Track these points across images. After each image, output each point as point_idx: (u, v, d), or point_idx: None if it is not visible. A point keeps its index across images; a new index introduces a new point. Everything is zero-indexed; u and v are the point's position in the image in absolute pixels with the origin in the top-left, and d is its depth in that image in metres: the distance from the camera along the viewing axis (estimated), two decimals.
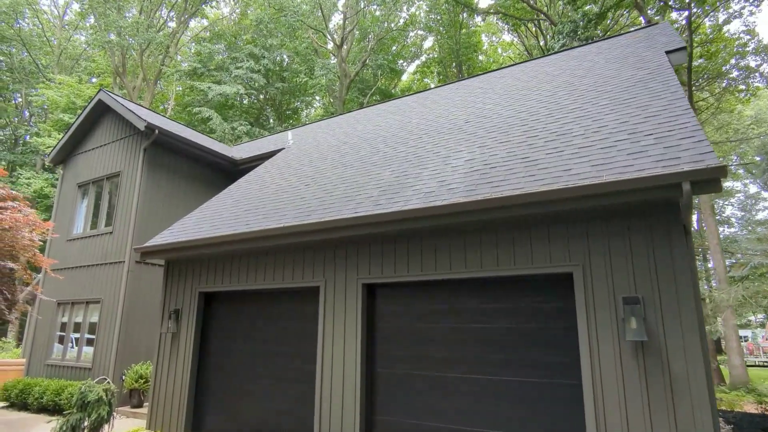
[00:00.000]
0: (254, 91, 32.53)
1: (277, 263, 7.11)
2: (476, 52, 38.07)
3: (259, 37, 32.35)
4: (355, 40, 35.43)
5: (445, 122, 8.87)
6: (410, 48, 39.11)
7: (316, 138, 12.34)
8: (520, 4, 30.14)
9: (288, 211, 7.22)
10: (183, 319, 7.94)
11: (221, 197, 9.74)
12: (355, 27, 32.76)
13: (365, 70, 35.15)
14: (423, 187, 6.08)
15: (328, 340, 6.29)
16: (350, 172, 8.02)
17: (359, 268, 6.28)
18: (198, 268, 8.06)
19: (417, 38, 38.91)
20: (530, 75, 9.99)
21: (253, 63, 30.65)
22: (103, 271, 10.99)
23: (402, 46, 37.98)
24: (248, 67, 30.28)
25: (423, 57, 39.84)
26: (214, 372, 7.61)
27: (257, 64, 30.91)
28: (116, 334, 10.07)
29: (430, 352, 5.72)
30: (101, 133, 12.50)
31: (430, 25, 34.06)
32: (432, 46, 39.26)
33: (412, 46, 39.22)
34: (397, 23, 36.25)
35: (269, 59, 31.47)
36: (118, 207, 11.23)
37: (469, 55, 37.12)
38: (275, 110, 35.69)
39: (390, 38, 35.95)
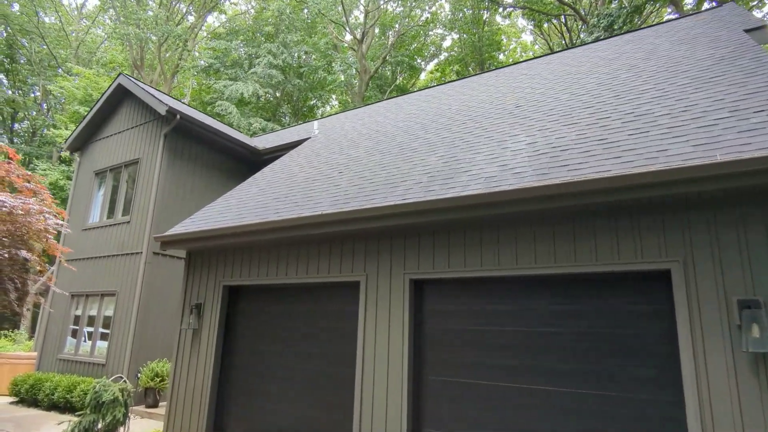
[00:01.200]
0: (271, 87, 32.02)
1: (311, 255, 6.46)
2: (498, 50, 37.28)
3: (278, 32, 31.84)
4: (375, 36, 34.85)
5: (491, 107, 8.17)
6: (429, 47, 38.41)
7: (344, 127, 11.71)
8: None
9: (322, 199, 6.57)
10: (205, 314, 7.33)
11: (245, 186, 9.13)
12: (376, 22, 32.16)
13: (384, 67, 34.55)
14: (481, 172, 5.40)
15: (370, 341, 5.62)
16: (389, 159, 7.36)
17: (406, 262, 5.60)
18: (222, 259, 7.44)
19: (436, 37, 38.20)
20: (579, 60, 9.25)
21: (272, 58, 30.17)
22: (119, 263, 10.46)
23: (422, 44, 37.27)
24: (266, 63, 29.80)
25: (442, 56, 39.10)
26: (239, 372, 6.98)
27: (276, 59, 30.41)
28: (132, 329, 9.51)
29: (488, 359, 5.02)
30: (120, 119, 11.99)
31: (454, 19, 33.19)
32: (451, 45, 38.55)
33: (431, 44, 38.51)
34: (418, 21, 35.61)
35: (288, 55, 30.95)
36: (136, 196, 10.70)
37: (491, 53, 36.36)
38: (292, 107, 35.21)
39: (410, 35, 35.30)
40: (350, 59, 31.42)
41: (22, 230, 7.07)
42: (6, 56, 34.47)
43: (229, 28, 35.89)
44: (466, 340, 5.19)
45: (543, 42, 36.94)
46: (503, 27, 37.74)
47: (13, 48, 34.11)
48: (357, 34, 31.44)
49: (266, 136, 15.34)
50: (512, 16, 33.73)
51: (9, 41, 33.61)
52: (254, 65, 30.02)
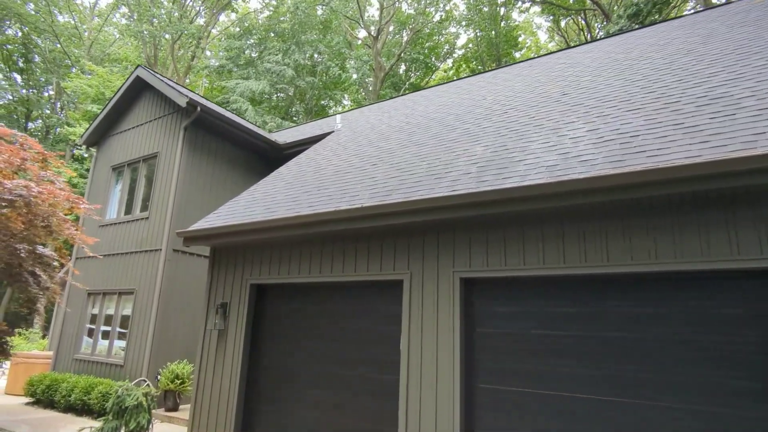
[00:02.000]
0: (284, 85, 31.66)
1: (347, 252, 6.02)
2: (515, 47, 36.64)
3: (293, 31, 31.43)
4: (390, 33, 34.37)
5: (532, 96, 7.68)
6: (443, 45, 37.83)
7: (369, 121, 11.26)
8: None
9: (359, 192, 6.12)
10: (231, 314, 6.92)
11: (270, 180, 8.72)
12: (391, 19, 31.70)
13: (398, 65, 34.06)
14: (538, 161, 4.92)
15: (415, 345, 5.16)
16: (427, 150, 6.90)
17: (456, 259, 5.13)
18: (250, 256, 7.03)
19: (450, 36, 37.62)
20: (624, 47, 8.72)
21: (281, 57, 29.81)
22: (137, 260, 10.10)
23: (435, 43, 36.69)
24: (276, 60, 29.47)
25: (456, 54, 38.49)
26: (267, 376, 6.55)
27: (286, 57, 30.05)
28: (151, 329, 9.14)
29: (551, 366, 4.54)
30: (138, 112, 11.65)
31: (470, 18, 32.61)
32: (465, 42, 37.96)
33: (446, 43, 37.94)
34: (432, 19, 35.08)
35: (300, 53, 30.55)
36: (155, 191, 10.34)
37: (508, 50, 35.74)
38: (304, 106, 34.86)
39: (424, 34, 34.76)
40: (364, 57, 31.01)
41: (45, 221, 6.69)
42: (21, 55, 34.52)
43: (242, 27, 35.60)
44: (524, 346, 4.71)
45: (560, 40, 36.26)
46: (520, 24, 37.12)
47: (27, 47, 34.13)
48: (372, 31, 30.99)
49: (284, 132, 14.95)
50: (529, 11, 33.06)
51: (24, 40, 33.62)
52: (267, 62, 29.68)
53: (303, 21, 30.89)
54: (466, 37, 38.08)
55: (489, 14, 33.71)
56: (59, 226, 6.98)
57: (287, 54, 30.48)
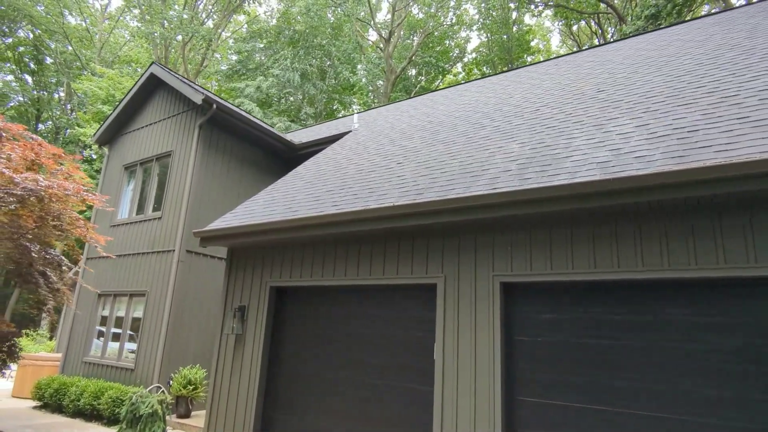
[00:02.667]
0: (290, 89, 31.45)
1: (375, 254, 5.70)
2: (527, 51, 36.35)
3: (303, 36, 31.25)
4: (401, 37, 34.15)
5: (564, 93, 7.35)
6: (453, 50, 37.57)
7: (388, 120, 10.97)
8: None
9: (387, 191, 5.81)
10: (249, 318, 6.61)
11: (289, 179, 8.43)
12: (403, 21, 31.51)
13: (409, 69, 33.81)
14: (586, 158, 4.58)
15: (451, 354, 4.81)
16: (457, 148, 6.58)
17: (495, 262, 4.80)
18: (269, 258, 6.72)
19: (460, 40, 37.37)
20: (655, 45, 8.38)
21: (289, 62, 29.66)
22: (149, 261, 9.82)
23: (445, 48, 36.40)
24: (285, 66, 29.33)
25: (466, 58, 38.21)
26: (288, 383, 6.23)
27: (295, 62, 29.88)
28: (163, 332, 8.83)
29: (601, 378, 4.18)
30: (151, 111, 11.42)
31: (485, 23, 32.34)
32: (477, 46, 37.71)
33: (456, 47, 37.69)
34: (442, 23, 34.85)
35: (309, 59, 30.34)
36: (168, 190, 10.07)
37: (520, 54, 35.45)
38: (314, 110, 34.67)
39: (436, 38, 34.52)
40: (376, 60, 30.81)
41: (56, 219, 6.43)
42: (32, 57, 34.63)
43: (252, 30, 35.49)
44: (572, 356, 4.35)
45: (572, 44, 35.94)
46: (532, 27, 36.84)
47: (38, 49, 34.23)
48: (384, 34, 30.81)
49: (297, 132, 14.69)
50: (542, 15, 32.74)
51: (35, 42, 33.73)
52: (275, 68, 29.55)
53: (315, 25, 30.77)
54: (477, 41, 37.85)
55: (500, 18, 33.47)
56: (71, 224, 6.72)
57: (296, 59, 30.34)
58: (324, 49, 31.14)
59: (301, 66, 29.94)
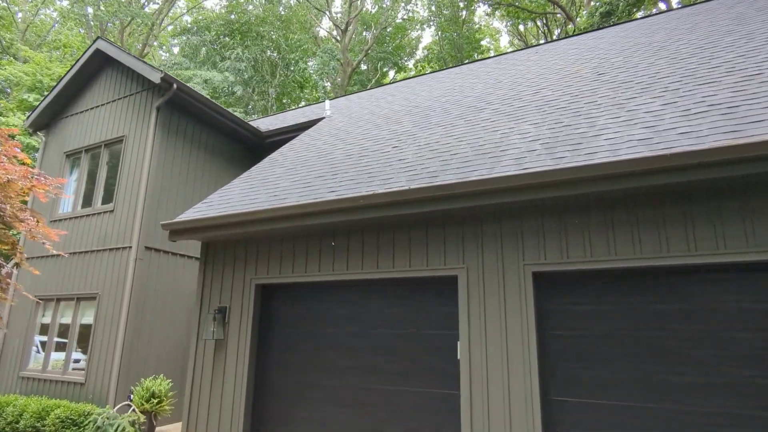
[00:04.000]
0: (242, 83, 29.87)
1: (382, 244, 5.14)
2: (477, 50, 36.77)
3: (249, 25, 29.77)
4: (356, 33, 33.41)
5: (561, 77, 7.10)
6: (405, 47, 37.32)
7: (364, 107, 10.38)
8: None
9: (392, 175, 5.26)
10: (232, 320, 5.84)
11: (265, 166, 7.66)
12: (359, 14, 30.83)
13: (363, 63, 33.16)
14: (622, 135, 4.27)
15: (478, 352, 4.36)
16: (460, 131, 6.13)
17: (525, 250, 4.39)
18: (254, 252, 5.98)
19: (411, 39, 37.21)
20: (639, 33, 8.35)
21: (240, 51, 28.20)
22: (100, 260, 8.68)
23: (398, 45, 36.03)
24: (236, 56, 27.84)
25: (417, 55, 38.12)
26: (281, 394, 5.54)
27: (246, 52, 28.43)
28: (120, 340, 7.79)
29: (650, 373, 3.87)
30: (98, 91, 10.15)
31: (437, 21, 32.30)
32: (429, 44, 37.74)
33: (407, 45, 37.47)
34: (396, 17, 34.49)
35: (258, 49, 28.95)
36: (121, 180, 8.95)
37: (470, 53, 35.79)
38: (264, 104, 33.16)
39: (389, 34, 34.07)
40: (333, 51, 29.96)
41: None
42: None
43: (197, 23, 33.34)
44: (615, 350, 4.02)
45: (520, 44, 36.73)
46: (482, 27, 37.33)
47: None
48: (340, 24, 30.01)
49: (259, 121, 13.73)
50: (494, 14, 33.14)
51: None
52: (226, 60, 27.97)
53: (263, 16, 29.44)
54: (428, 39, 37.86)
55: (451, 16, 33.65)
56: (14, 216, 5.63)
57: (246, 49, 28.89)
58: (274, 42, 29.84)
59: (251, 55, 28.52)
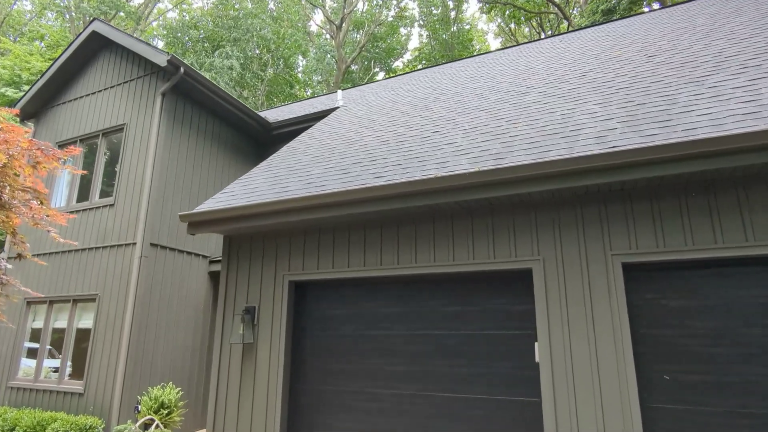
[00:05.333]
0: (230, 81, 28.95)
1: (439, 235, 4.61)
2: (468, 51, 36.56)
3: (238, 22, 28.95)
4: (348, 31, 32.82)
5: (605, 61, 6.69)
6: (395, 50, 36.92)
7: (381, 96, 9.85)
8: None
9: (444, 159, 4.75)
10: (262, 322, 5.24)
11: (285, 155, 7.07)
12: (353, 9, 30.29)
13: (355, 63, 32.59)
14: (719, 111, 3.83)
15: (560, 354, 3.86)
16: (509, 113, 5.65)
17: (612, 239, 3.91)
18: (285, 245, 5.39)
19: (400, 36, 36.81)
20: (674, 19, 8.02)
21: (230, 49, 27.41)
22: (100, 258, 7.96)
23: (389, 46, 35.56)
24: (226, 53, 27.05)
25: (408, 56, 37.77)
26: (319, 407, 4.95)
27: (236, 49, 27.64)
28: (124, 345, 7.10)
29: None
30: (94, 76, 9.41)
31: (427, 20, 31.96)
32: (420, 46, 37.41)
33: (397, 45, 37.08)
34: (387, 16, 34.03)
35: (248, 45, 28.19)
36: (122, 171, 8.24)
37: (461, 53, 35.56)
38: (254, 102, 32.29)
39: (380, 34, 33.58)
40: (327, 46, 29.39)
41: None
42: None
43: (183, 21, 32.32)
44: (725, 350, 3.57)
45: (513, 44, 36.65)
46: (472, 26, 37.13)
47: None
48: (335, 21, 29.43)
49: (264, 113, 13.08)
50: (490, 13, 32.91)
51: None
52: (215, 59, 27.11)
53: (255, 12, 28.69)
54: (419, 36, 37.49)
55: (441, 16, 33.39)
56: (12, 196, 4.93)
57: (236, 44, 28.10)
58: (264, 38, 29.07)
59: (240, 53, 27.73)
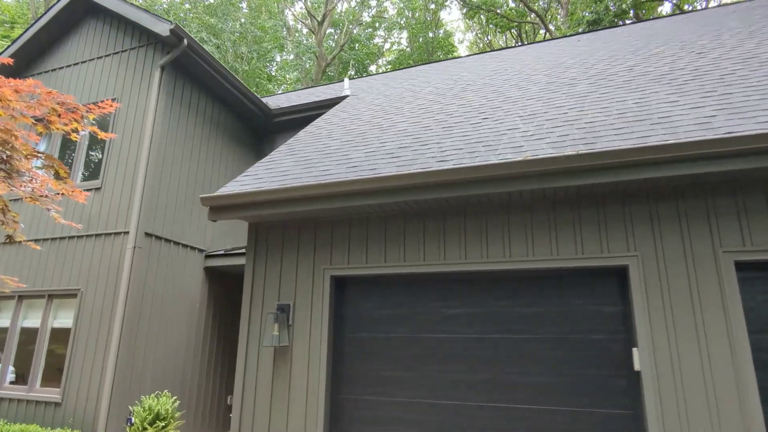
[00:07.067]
0: None
1: (515, 228, 4.12)
2: (451, 55, 36.66)
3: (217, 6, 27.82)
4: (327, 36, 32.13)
5: (650, 56, 6.45)
6: (373, 51, 36.57)
7: (397, 86, 9.32)
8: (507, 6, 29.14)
9: (520, 143, 4.28)
10: (298, 322, 4.58)
11: (306, 139, 6.42)
12: (335, 4, 29.67)
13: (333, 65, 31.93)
14: None
15: (666, 362, 3.43)
16: (565, 103, 5.25)
17: (721, 234, 3.54)
18: (326, 235, 4.75)
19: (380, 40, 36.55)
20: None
21: (204, 36, 26.26)
22: (82, 248, 7.01)
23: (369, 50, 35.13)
24: (201, 40, 25.88)
25: (383, 60, 37.49)
26: (368, 422, 4.34)
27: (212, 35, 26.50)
28: (113, 347, 6.21)
29: None
30: (78, 45, 8.41)
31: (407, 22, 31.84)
32: (395, 50, 37.22)
33: (374, 48, 36.75)
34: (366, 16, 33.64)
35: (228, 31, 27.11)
36: (111, 152, 7.33)
37: (441, 57, 35.59)
38: None
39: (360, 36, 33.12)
40: (306, 41, 28.61)
41: None
42: None
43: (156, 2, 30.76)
44: None
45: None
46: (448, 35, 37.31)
47: None
48: (316, 16, 28.71)
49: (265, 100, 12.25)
50: (475, 17, 33.01)
51: None
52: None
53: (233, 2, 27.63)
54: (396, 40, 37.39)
55: (422, 19, 33.39)
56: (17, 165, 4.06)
57: (214, 31, 26.91)
58: (244, 27, 28.02)
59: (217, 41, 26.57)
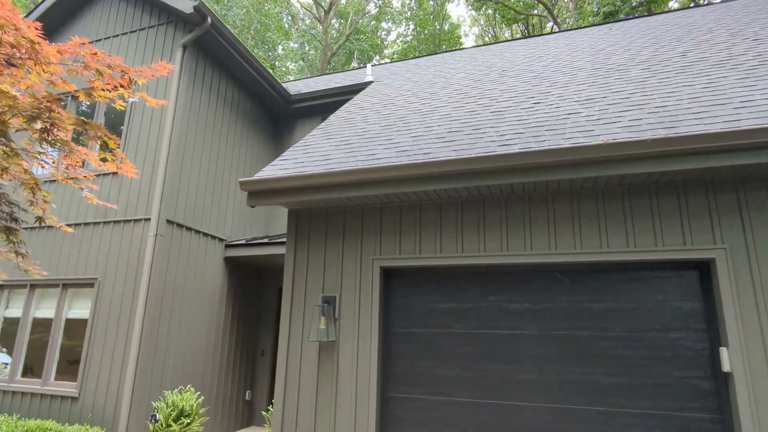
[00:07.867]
0: None
1: (585, 216, 3.83)
2: (455, 46, 36.31)
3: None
4: (330, 25, 31.63)
5: (699, 43, 6.17)
6: (377, 43, 36.16)
7: (422, 72, 8.99)
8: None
9: (590, 127, 3.99)
10: (344, 316, 4.29)
11: (340, 124, 6.11)
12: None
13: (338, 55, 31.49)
14: None
15: (761, 364, 3.18)
16: (624, 88, 4.97)
17: None
18: (374, 223, 4.46)
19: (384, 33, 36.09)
20: (734, 11, 7.67)
21: None
22: (100, 235, 6.69)
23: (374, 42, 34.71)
24: None
25: (387, 50, 37.08)
26: (423, 424, 4.06)
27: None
28: (135, 340, 5.90)
29: None
30: (93, 21, 8.03)
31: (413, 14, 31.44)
32: (401, 41, 36.80)
33: (378, 40, 36.32)
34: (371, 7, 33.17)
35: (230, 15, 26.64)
36: (130, 134, 6.99)
37: (448, 49, 35.23)
38: None
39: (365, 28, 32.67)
40: (312, 30, 28.16)
41: None
42: None
43: None
44: None
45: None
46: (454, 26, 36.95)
47: None
48: (323, 4, 28.24)
49: None
50: (481, 9, 32.63)
51: None
52: None
53: None
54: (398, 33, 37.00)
55: (429, 11, 32.99)
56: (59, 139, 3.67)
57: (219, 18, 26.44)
58: (248, 16, 27.53)
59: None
